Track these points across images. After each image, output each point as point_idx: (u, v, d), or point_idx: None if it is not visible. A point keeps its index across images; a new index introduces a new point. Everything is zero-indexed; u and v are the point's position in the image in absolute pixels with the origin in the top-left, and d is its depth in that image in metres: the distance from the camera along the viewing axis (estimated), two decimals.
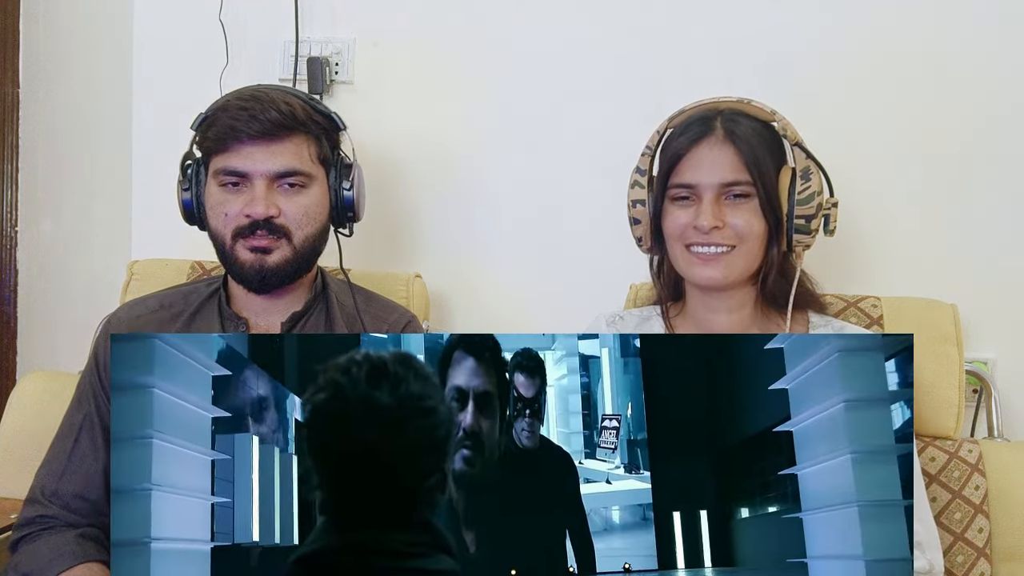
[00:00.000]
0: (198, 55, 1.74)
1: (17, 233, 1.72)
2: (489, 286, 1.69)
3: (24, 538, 1.15)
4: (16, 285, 1.73)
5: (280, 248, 1.18)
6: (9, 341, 1.73)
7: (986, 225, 1.50)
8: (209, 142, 1.18)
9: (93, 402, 1.21)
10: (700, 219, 1.13)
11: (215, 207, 1.19)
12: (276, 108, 1.16)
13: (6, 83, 1.69)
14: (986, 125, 1.48)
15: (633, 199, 1.23)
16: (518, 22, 1.65)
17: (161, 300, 1.29)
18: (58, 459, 1.19)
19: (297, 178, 1.19)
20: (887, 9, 1.51)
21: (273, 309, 1.26)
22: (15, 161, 1.71)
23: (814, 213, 1.14)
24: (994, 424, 1.43)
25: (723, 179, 1.13)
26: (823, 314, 1.24)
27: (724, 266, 1.14)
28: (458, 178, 1.68)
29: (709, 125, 1.15)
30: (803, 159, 1.15)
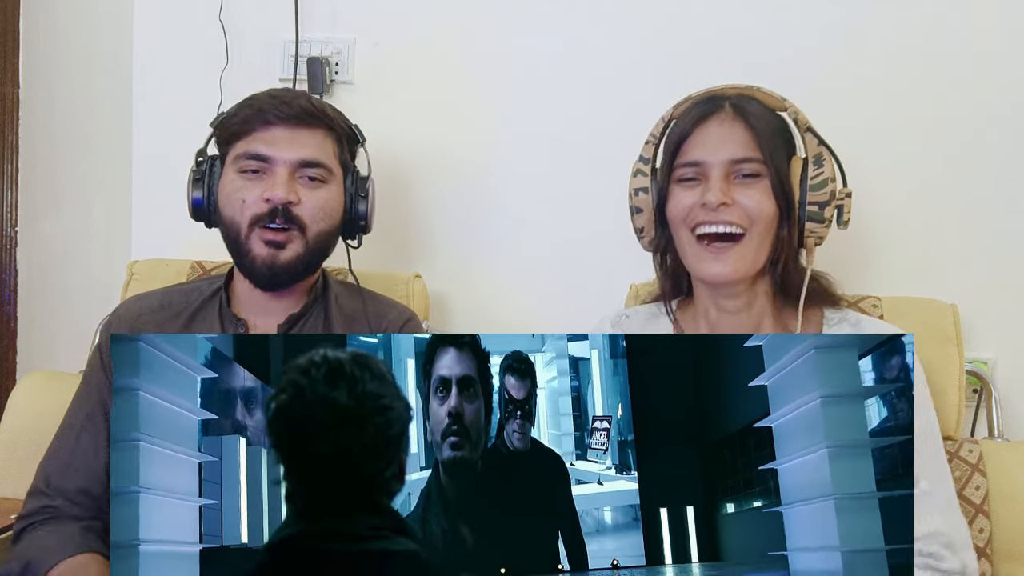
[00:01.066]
0: (198, 55, 1.75)
1: (17, 233, 1.72)
2: (489, 286, 1.69)
3: (27, 528, 1.15)
4: (16, 285, 1.73)
5: (293, 243, 1.18)
6: (9, 341, 1.73)
7: (986, 225, 1.49)
8: (234, 126, 1.19)
9: (97, 396, 1.21)
10: (708, 195, 1.07)
11: (232, 194, 1.18)
12: (306, 99, 1.20)
13: (6, 83, 1.69)
14: (986, 125, 1.48)
15: (635, 187, 1.18)
16: (519, 22, 1.65)
17: (162, 299, 1.29)
18: (62, 453, 1.19)
19: (318, 171, 1.19)
20: (887, 11, 1.51)
21: (273, 310, 1.25)
22: (15, 161, 1.71)
23: (827, 200, 1.09)
24: (994, 424, 1.43)
25: (732, 155, 1.07)
26: (838, 308, 1.19)
27: (735, 259, 1.08)
28: (458, 178, 1.68)
29: (717, 104, 1.11)
30: (815, 145, 1.10)
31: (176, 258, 1.57)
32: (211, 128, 1.24)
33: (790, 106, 1.14)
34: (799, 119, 1.13)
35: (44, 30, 1.74)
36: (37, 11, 1.73)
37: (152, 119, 1.80)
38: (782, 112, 1.15)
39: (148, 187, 1.81)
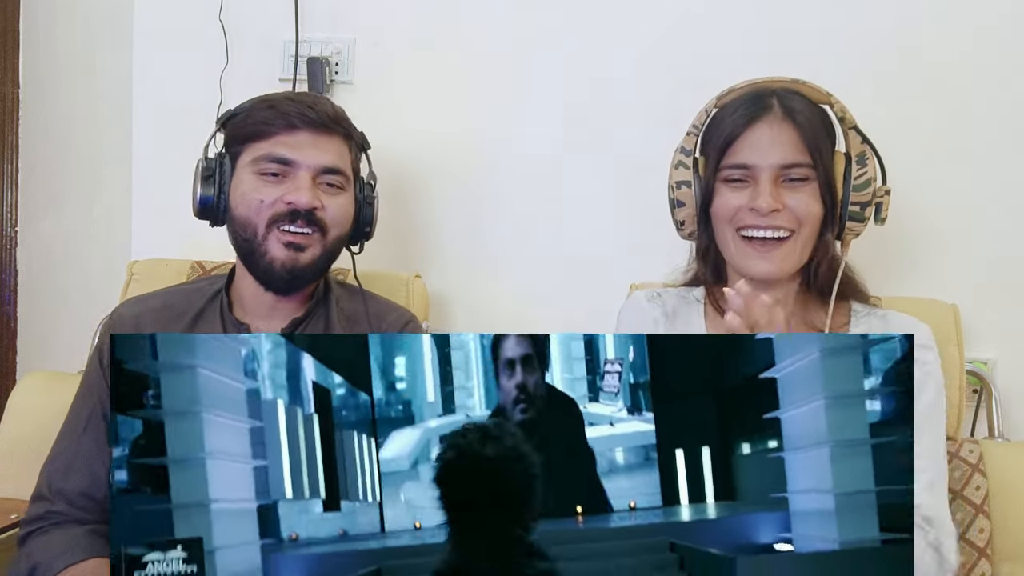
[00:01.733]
0: (198, 55, 1.74)
1: (17, 233, 1.72)
2: (489, 286, 1.69)
3: (33, 532, 1.15)
4: (16, 285, 1.73)
5: (313, 246, 1.18)
6: (9, 341, 1.73)
7: (986, 225, 1.50)
8: (251, 127, 1.17)
9: (96, 399, 1.21)
10: (759, 200, 1.07)
11: (248, 194, 1.17)
12: (330, 105, 1.20)
13: (6, 83, 1.70)
14: (986, 125, 1.48)
15: (677, 180, 1.17)
16: (519, 22, 1.65)
17: (164, 299, 1.28)
18: (63, 456, 1.19)
19: (338, 178, 1.19)
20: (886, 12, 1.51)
21: (277, 314, 1.24)
22: (15, 161, 1.71)
23: (869, 200, 1.11)
24: (994, 424, 1.43)
25: (783, 160, 1.08)
26: (866, 303, 1.21)
27: (780, 258, 1.10)
28: (458, 178, 1.68)
29: (765, 103, 1.10)
30: (859, 144, 1.11)
31: (176, 258, 1.57)
32: (218, 125, 1.23)
33: (836, 102, 1.13)
34: (846, 117, 1.13)
35: (44, 30, 1.74)
36: (37, 11, 1.73)
37: (152, 119, 1.80)
38: (826, 106, 1.14)
39: (148, 187, 1.81)
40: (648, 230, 1.48)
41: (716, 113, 1.16)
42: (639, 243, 1.58)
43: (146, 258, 1.60)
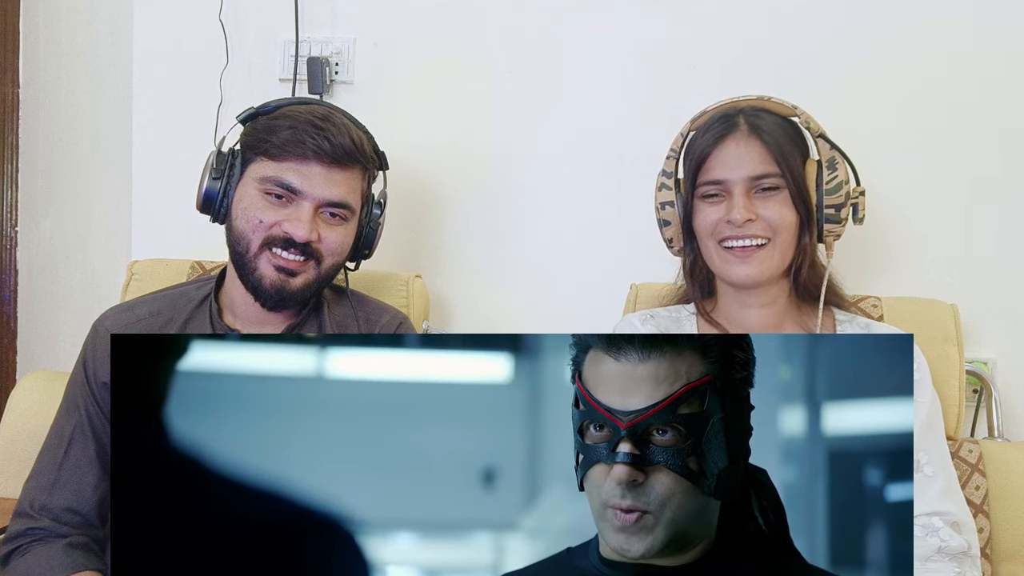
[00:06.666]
0: (198, 55, 1.74)
1: (17, 233, 1.72)
2: (489, 286, 1.69)
3: (14, 552, 1.13)
4: (16, 285, 1.73)
5: (306, 272, 1.16)
6: (9, 341, 1.73)
7: (986, 225, 1.50)
8: (266, 145, 1.15)
9: (84, 411, 1.18)
10: (733, 213, 1.14)
11: (249, 209, 1.15)
12: (349, 136, 1.16)
13: (6, 83, 1.70)
14: (986, 124, 1.49)
15: (661, 202, 1.24)
16: (519, 22, 1.65)
17: (150, 307, 1.25)
18: (47, 471, 1.16)
19: (343, 211, 1.18)
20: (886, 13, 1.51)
21: (269, 320, 1.22)
22: (15, 161, 1.71)
23: (843, 202, 1.16)
24: (994, 424, 1.43)
25: (752, 172, 1.14)
26: (847, 311, 1.25)
27: (760, 262, 1.15)
28: (458, 178, 1.68)
29: (732, 122, 1.17)
30: (827, 150, 1.17)
31: (176, 258, 1.57)
32: (238, 120, 1.21)
33: (801, 113, 1.19)
34: (811, 126, 1.18)
35: (44, 30, 1.75)
36: (37, 11, 1.73)
37: (152, 119, 1.80)
38: (794, 118, 1.20)
39: (148, 187, 1.80)
40: (648, 230, 1.48)
41: (691, 135, 1.22)
42: (640, 243, 1.58)
43: (146, 258, 1.59)
